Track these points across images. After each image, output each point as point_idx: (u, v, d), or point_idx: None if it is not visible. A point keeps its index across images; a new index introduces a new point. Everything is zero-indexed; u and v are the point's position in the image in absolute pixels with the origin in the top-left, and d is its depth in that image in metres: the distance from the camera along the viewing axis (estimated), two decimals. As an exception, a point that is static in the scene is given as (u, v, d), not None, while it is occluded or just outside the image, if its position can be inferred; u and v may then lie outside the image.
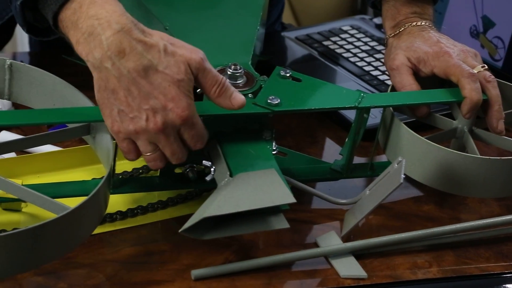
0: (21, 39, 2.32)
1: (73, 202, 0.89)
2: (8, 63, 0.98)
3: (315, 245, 0.97)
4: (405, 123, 1.03)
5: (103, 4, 0.87)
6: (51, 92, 0.98)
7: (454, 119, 1.08)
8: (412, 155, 1.01)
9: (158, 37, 0.88)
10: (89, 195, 0.84)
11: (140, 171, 1.06)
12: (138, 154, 0.90)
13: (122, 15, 0.87)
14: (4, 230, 0.94)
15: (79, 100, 0.96)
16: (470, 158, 0.99)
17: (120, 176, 1.04)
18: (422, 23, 1.12)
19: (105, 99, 0.87)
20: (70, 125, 0.97)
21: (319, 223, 1.02)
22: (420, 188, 1.08)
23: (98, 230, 0.94)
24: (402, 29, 1.12)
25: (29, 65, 0.99)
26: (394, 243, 0.97)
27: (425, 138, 1.01)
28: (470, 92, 1.02)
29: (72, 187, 0.97)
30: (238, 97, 0.91)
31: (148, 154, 0.90)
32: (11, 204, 0.98)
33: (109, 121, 0.88)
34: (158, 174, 0.99)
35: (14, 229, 0.93)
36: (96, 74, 0.87)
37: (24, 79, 0.99)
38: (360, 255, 0.95)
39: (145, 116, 0.87)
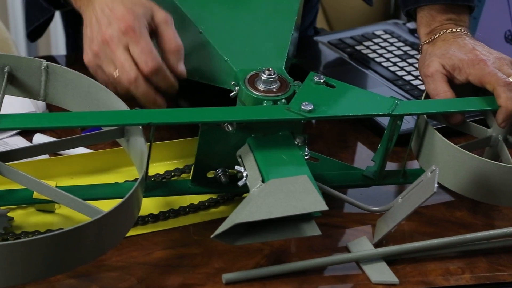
0: (56, 43, 2.34)
1: (104, 204, 0.90)
2: (45, 64, 0.99)
3: (347, 250, 0.97)
4: (437, 129, 1.03)
5: None
6: (86, 95, 0.99)
7: (489, 127, 1.07)
8: (446, 164, 1.01)
9: None
10: (124, 198, 0.84)
11: (172, 173, 1.07)
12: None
13: None
14: (38, 231, 0.95)
15: (113, 103, 0.96)
16: (505, 168, 0.98)
17: (152, 179, 1.05)
18: (458, 30, 1.11)
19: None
20: (105, 128, 0.98)
21: (351, 228, 1.01)
22: (452, 193, 1.07)
23: (130, 232, 0.95)
24: (437, 35, 1.11)
25: (65, 67, 0.99)
26: (426, 249, 0.96)
27: (459, 146, 1.00)
28: (506, 101, 1.01)
29: (106, 189, 0.98)
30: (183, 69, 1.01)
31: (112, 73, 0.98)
32: (45, 206, 0.98)
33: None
34: (190, 178, 1.00)
35: (47, 230, 0.94)
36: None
37: (60, 81, 1.00)
38: (391, 260, 0.95)
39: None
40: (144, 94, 0.98)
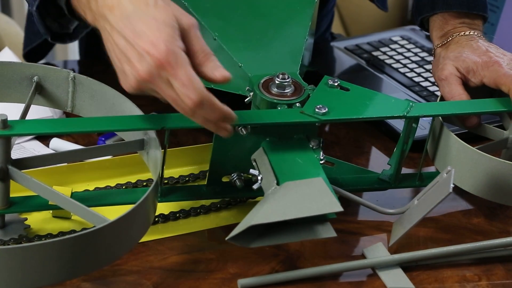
0: (73, 47, 2.35)
1: (121, 209, 0.89)
2: (72, 75, 0.99)
3: (362, 256, 0.97)
4: (455, 135, 1.02)
5: None
6: (111, 106, 0.99)
7: (505, 129, 1.06)
8: (462, 165, 1.00)
9: None
10: (136, 204, 0.85)
11: (187, 178, 1.07)
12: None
13: None
14: (51, 234, 0.95)
15: (137, 114, 0.96)
16: (522, 169, 0.98)
17: (166, 181, 1.04)
18: (471, 33, 1.11)
19: None
20: (127, 139, 0.97)
21: (367, 235, 1.01)
22: (469, 200, 1.07)
23: (145, 237, 0.95)
24: (450, 39, 1.11)
25: (91, 78, 0.99)
26: (442, 256, 0.96)
27: (475, 148, 1.00)
28: (522, 101, 1.01)
29: (121, 195, 0.98)
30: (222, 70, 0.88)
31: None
32: (61, 212, 0.99)
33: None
34: (205, 183, 1.00)
35: (60, 233, 0.95)
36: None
37: (87, 92, 1.00)
38: (407, 267, 0.95)
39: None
40: (203, 122, 0.88)
